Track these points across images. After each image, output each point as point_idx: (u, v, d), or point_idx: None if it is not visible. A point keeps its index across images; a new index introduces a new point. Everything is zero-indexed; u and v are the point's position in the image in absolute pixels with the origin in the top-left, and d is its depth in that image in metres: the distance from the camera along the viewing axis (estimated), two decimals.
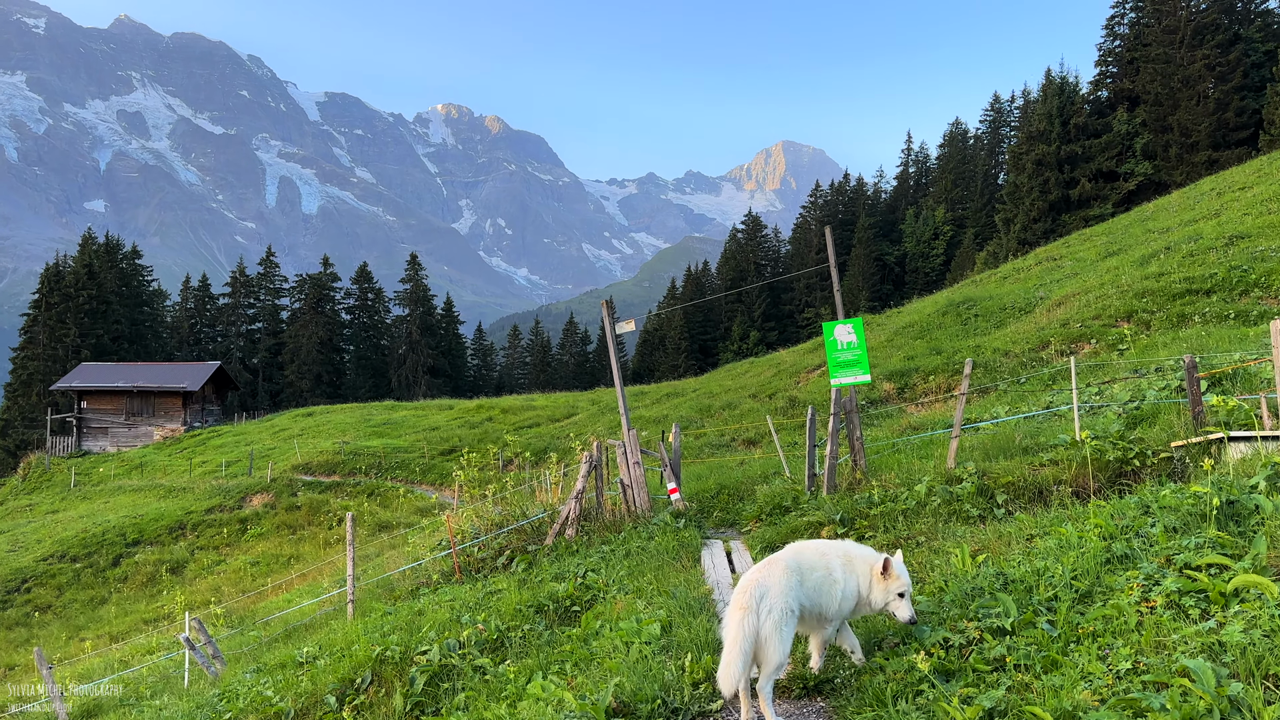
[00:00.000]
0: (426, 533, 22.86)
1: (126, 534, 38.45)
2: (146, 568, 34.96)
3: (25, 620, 31.73)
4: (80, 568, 35.67)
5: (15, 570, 35.92)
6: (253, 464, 49.77)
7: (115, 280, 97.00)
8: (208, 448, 60.51)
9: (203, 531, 38.54)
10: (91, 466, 61.03)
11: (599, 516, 13.56)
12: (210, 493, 44.23)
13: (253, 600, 24.33)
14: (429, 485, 41.90)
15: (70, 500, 51.84)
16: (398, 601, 13.14)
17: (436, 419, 56.68)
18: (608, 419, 42.96)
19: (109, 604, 32.09)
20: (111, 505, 46.68)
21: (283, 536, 37.12)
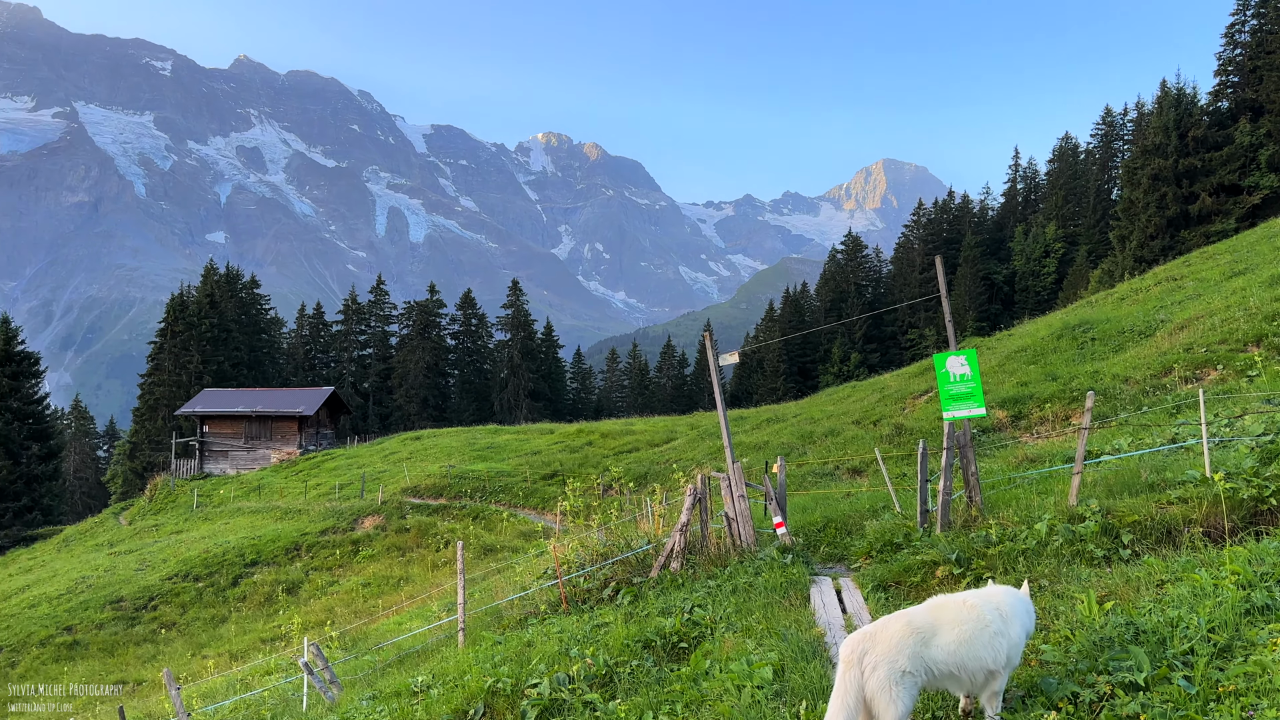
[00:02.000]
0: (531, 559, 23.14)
1: (245, 554, 40.04)
2: (264, 588, 36.31)
3: (152, 637, 33.27)
4: (202, 587, 37.28)
5: (143, 589, 37.74)
6: (364, 487, 51.29)
7: (235, 309, 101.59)
8: (322, 470, 62.59)
9: (317, 553, 39.84)
10: (213, 488, 63.81)
11: (704, 550, 13.49)
12: (324, 515, 45.72)
13: (365, 622, 25.00)
14: (531, 509, 42.43)
15: (193, 521, 54.27)
16: (506, 631, 13.31)
17: (538, 443, 57.42)
18: (707, 444, 42.78)
19: (229, 622, 33.42)
20: (231, 526, 48.70)
21: (393, 558, 38.05)
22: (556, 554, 14.81)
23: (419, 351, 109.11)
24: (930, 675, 5.63)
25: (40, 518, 74.05)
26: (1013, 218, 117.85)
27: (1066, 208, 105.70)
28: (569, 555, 15.27)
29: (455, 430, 73.69)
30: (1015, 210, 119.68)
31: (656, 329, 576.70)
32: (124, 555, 46.66)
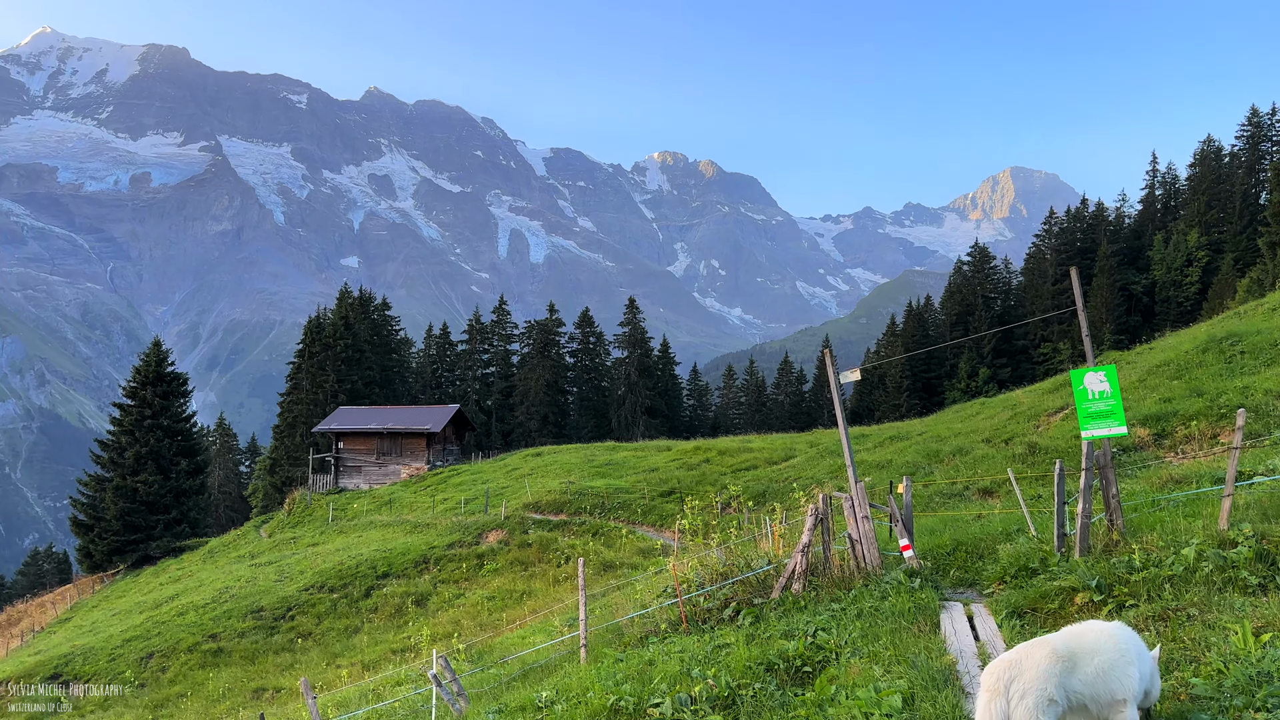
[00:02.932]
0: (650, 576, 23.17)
1: (377, 567, 41.49)
2: (394, 599, 37.52)
3: (290, 646, 34.79)
4: (337, 598, 38.80)
5: (282, 599, 39.53)
6: (488, 502, 52.49)
7: (367, 330, 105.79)
8: (448, 485, 64.38)
9: (444, 566, 40.94)
10: (347, 502, 66.43)
11: (826, 572, 13.24)
12: (451, 529, 46.97)
13: (490, 635, 25.51)
14: (650, 526, 42.53)
15: (329, 534, 56.59)
16: (627, 648, 13.35)
17: (655, 460, 57.60)
18: (828, 462, 42.05)
19: (361, 633, 34.64)
20: (364, 539, 50.57)
21: (515, 572, 38.74)
22: (676, 572, 14.79)
23: (539, 369, 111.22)
24: (1068, 704, 5.45)
25: (188, 530, 78.53)
26: (1151, 225, 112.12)
27: (1210, 214, 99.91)
28: (688, 574, 15.23)
29: (574, 447, 74.69)
30: (1154, 218, 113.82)
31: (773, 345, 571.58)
32: (264, 567, 49.00)
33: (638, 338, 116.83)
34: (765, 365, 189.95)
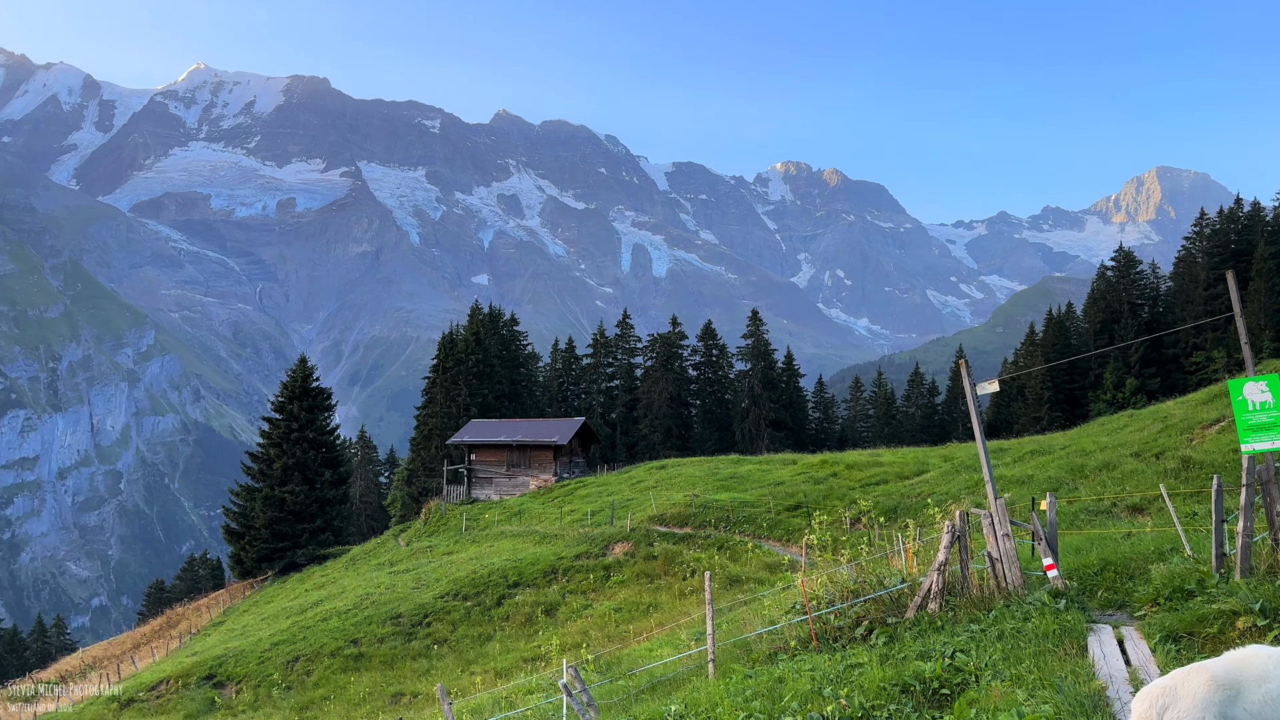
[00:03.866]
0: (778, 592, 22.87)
1: (508, 576, 42.39)
2: (525, 608, 38.24)
3: (426, 652, 35.88)
4: (470, 606, 39.82)
5: (419, 606, 40.84)
6: (614, 514, 52.97)
7: (497, 345, 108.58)
8: (574, 497, 65.30)
9: (572, 576, 41.50)
10: (479, 513, 68.20)
11: (964, 591, 12.77)
12: (578, 540, 47.60)
13: (618, 647, 25.68)
14: (776, 541, 42.03)
15: (462, 543, 58.20)
16: (756, 665, 13.20)
17: (780, 473, 56.93)
18: (963, 477, 40.66)
19: (494, 641, 35.43)
20: (495, 549, 51.78)
21: (641, 585, 38.89)
22: (804, 588, 14.55)
23: (662, 383, 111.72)
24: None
25: (332, 538, 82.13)
26: None
27: None
28: (817, 590, 14.95)
29: (698, 460, 74.61)
30: None
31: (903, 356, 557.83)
32: (402, 574, 50.75)
33: (761, 350, 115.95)
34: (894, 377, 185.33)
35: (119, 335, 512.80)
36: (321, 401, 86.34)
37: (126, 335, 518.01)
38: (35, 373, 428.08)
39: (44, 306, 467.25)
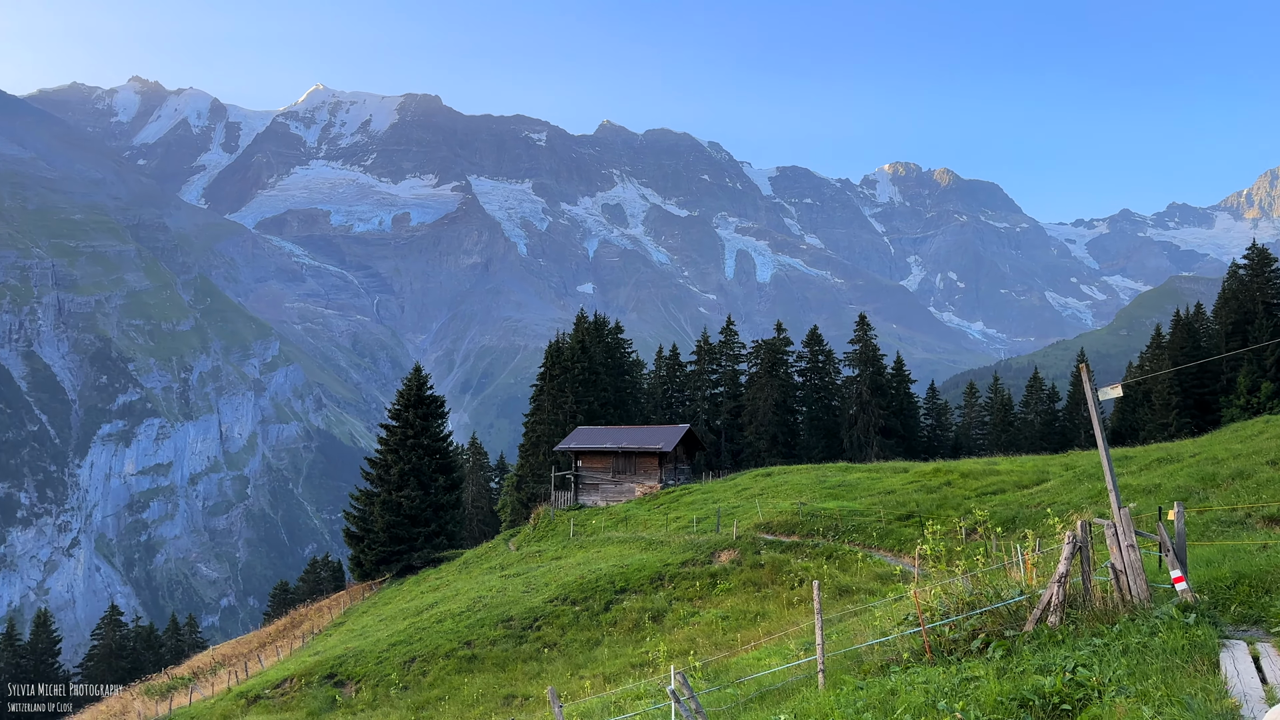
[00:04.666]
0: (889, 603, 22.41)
1: (615, 582, 42.71)
2: (632, 614, 38.45)
3: (536, 655, 36.46)
4: (579, 610, 40.28)
5: (529, 609, 41.53)
6: (719, 521, 52.79)
7: (602, 353, 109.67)
8: (680, 504, 65.35)
9: (678, 583, 41.53)
10: (586, 518, 68.94)
11: (1086, 604, 12.27)
12: (683, 547, 47.62)
13: (726, 655, 25.60)
14: (887, 551, 41.17)
15: (570, 548, 58.93)
16: (867, 676, 12.98)
17: (891, 482, 55.76)
18: (1085, 487, 39.04)
19: (602, 645, 35.74)
20: (602, 554, 52.25)
21: (748, 593, 38.64)
22: (917, 599, 14.23)
23: (767, 389, 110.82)
24: None
25: (445, 542, 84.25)
26: None
27: None
28: (931, 602, 14.61)
29: (805, 467, 73.69)
30: None
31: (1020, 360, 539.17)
32: (513, 578, 51.71)
33: (869, 355, 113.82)
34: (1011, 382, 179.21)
35: (246, 347, 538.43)
36: (435, 409, 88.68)
37: (253, 347, 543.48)
38: (169, 383, 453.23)
39: (176, 320, 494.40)
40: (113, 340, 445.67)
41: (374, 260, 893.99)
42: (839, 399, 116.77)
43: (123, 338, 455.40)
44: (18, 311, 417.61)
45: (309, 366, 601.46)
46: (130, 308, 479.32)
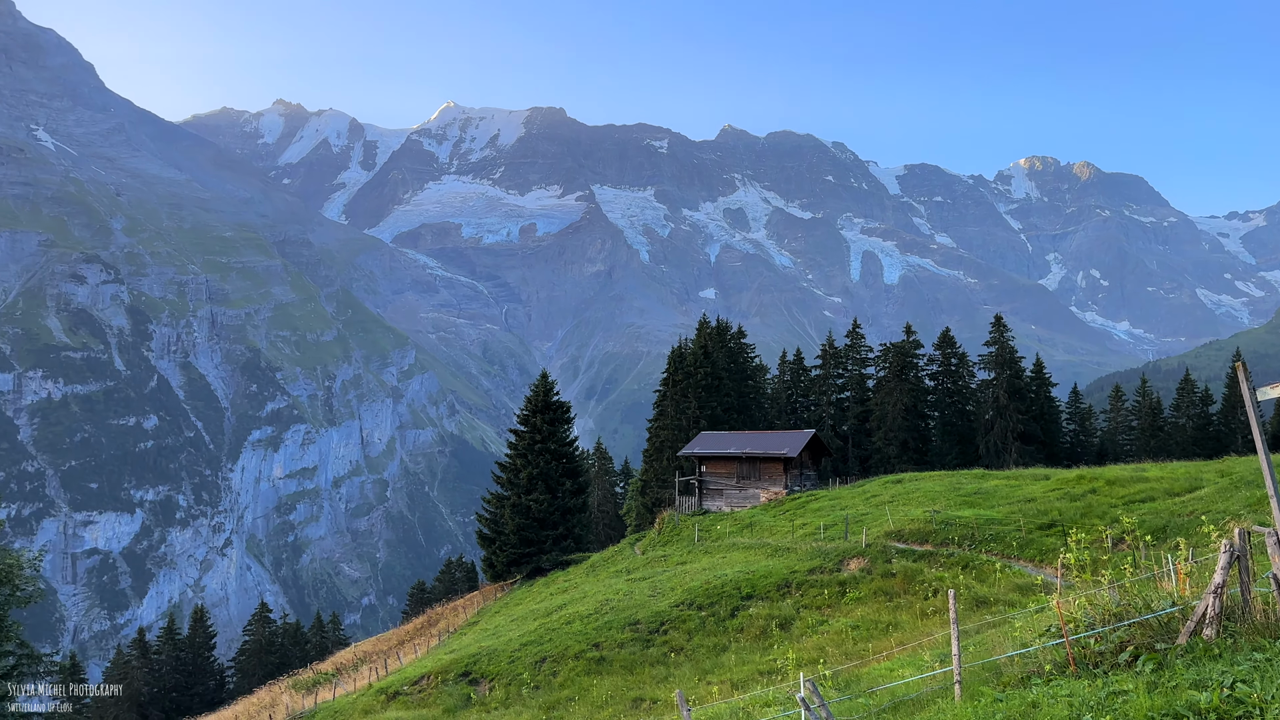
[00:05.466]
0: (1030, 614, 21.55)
1: (741, 588, 42.51)
2: (759, 621, 38.17)
3: (663, 659, 36.61)
4: (705, 616, 40.25)
5: (655, 614, 41.75)
6: (847, 529, 51.85)
7: (725, 358, 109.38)
8: (806, 511, 64.51)
9: (806, 591, 40.99)
10: (710, 524, 68.84)
11: (1245, 617, 11.52)
12: (811, 554, 46.97)
13: (856, 664, 25.13)
14: (1027, 561, 39.59)
15: (695, 554, 58.96)
16: (1007, 688, 12.53)
17: (1031, 489, 53.57)
18: (1243, 494, 36.62)
19: (729, 652, 35.61)
20: (728, 560, 52.06)
21: (879, 602, 37.81)
22: (1060, 610, 13.65)
23: (896, 393, 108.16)
24: None
25: (573, 545, 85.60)
26: None
27: None
28: (1075, 613, 13.98)
29: (938, 474, 71.59)
30: None
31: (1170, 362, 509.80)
32: (639, 582, 52.09)
33: (1005, 357, 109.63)
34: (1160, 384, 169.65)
35: (384, 356, 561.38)
36: (561, 415, 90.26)
37: (391, 355, 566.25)
38: (314, 391, 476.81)
39: (320, 331, 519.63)
40: (261, 351, 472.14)
41: (502, 270, 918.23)
42: (973, 404, 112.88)
43: (271, 348, 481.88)
44: (175, 324, 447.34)
45: (442, 374, 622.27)
46: (277, 319, 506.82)
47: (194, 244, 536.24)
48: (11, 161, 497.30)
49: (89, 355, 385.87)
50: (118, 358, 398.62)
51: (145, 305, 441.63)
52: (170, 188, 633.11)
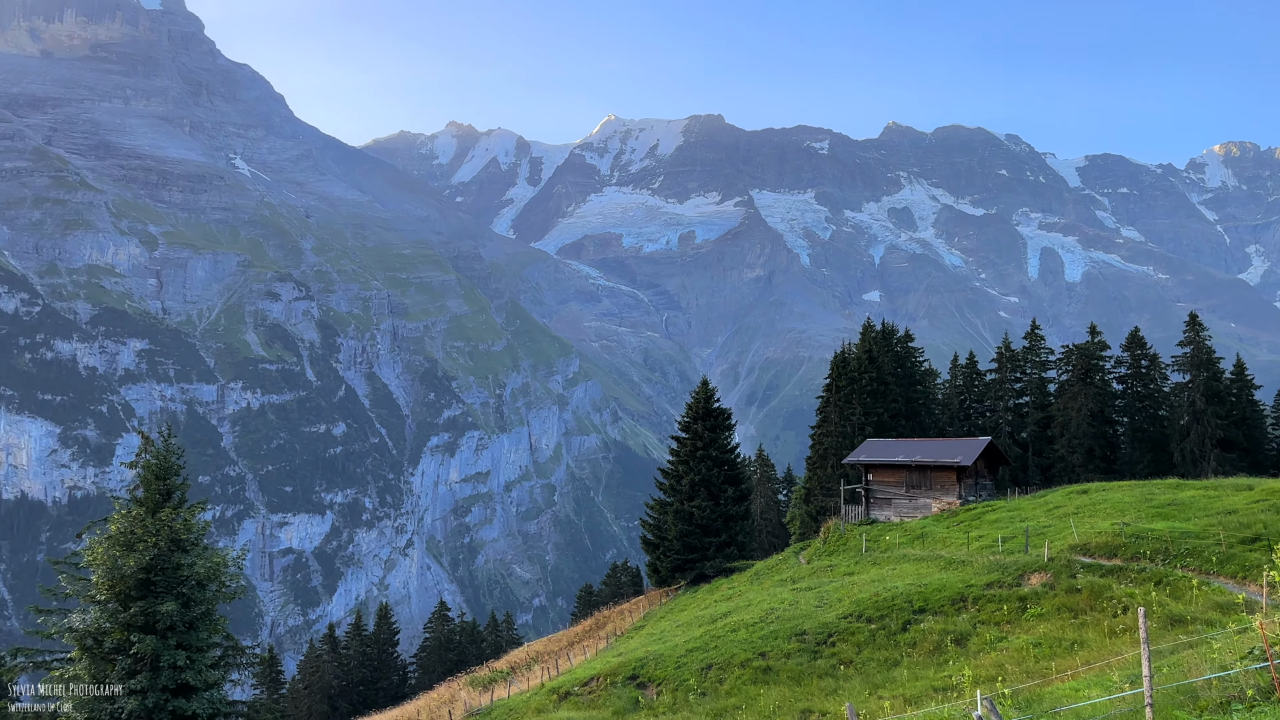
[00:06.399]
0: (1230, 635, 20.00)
1: (913, 601, 41.28)
2: (932, 636, 36.96)
3: (831, 671, 36.01)
4: (874, 629, 39.33)
5: (822, 625, 41.14)
6: (1027, 541, 49.48)
7: (891, 363, 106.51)
8: (982, 522, 61.97)
9: (982, 606, 39.38)
10: (878, 534, 67.18)
11: None
12: (987, 568, 45.10)
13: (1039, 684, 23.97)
14: (1227, 577, 36.65)
15: (862, 564, 57.70)
16: (1203, 713, 11.73)
17: (1232, 500, 49.53)
18: None
19: (901, 666, 34.65)
20: (898, 572, 50.66)
21: (1063, 619, 35.92)
22: (1264, 631, 12.64)
23: (1080, 398, 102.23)
24: None
25: (736, 552, 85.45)
26: None
27: None
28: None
29: (1127, 484, 67.17)
30: None
31: None
32: (804, 592, 51.47)
33: (1202, 359, 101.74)
34: None
35: (550, 364, 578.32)
36: (722, 421, 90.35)
37: (556, 364, 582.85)
38: (486, 399, 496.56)
39: (491, 341, 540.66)
40: (438, 361, 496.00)
41: (662, 278, 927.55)
42: (1166, 409, 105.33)
43: (446, 358, 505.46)
44: (360, 337, 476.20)
45: (605, 381, 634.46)
46: (452, 331, 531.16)
47: (376, 261, 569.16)
48: (214, 189, 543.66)
49: (283, 367, 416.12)
50: (309, 369, 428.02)
51: (333, 320, 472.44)
52: (354, 209, 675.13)
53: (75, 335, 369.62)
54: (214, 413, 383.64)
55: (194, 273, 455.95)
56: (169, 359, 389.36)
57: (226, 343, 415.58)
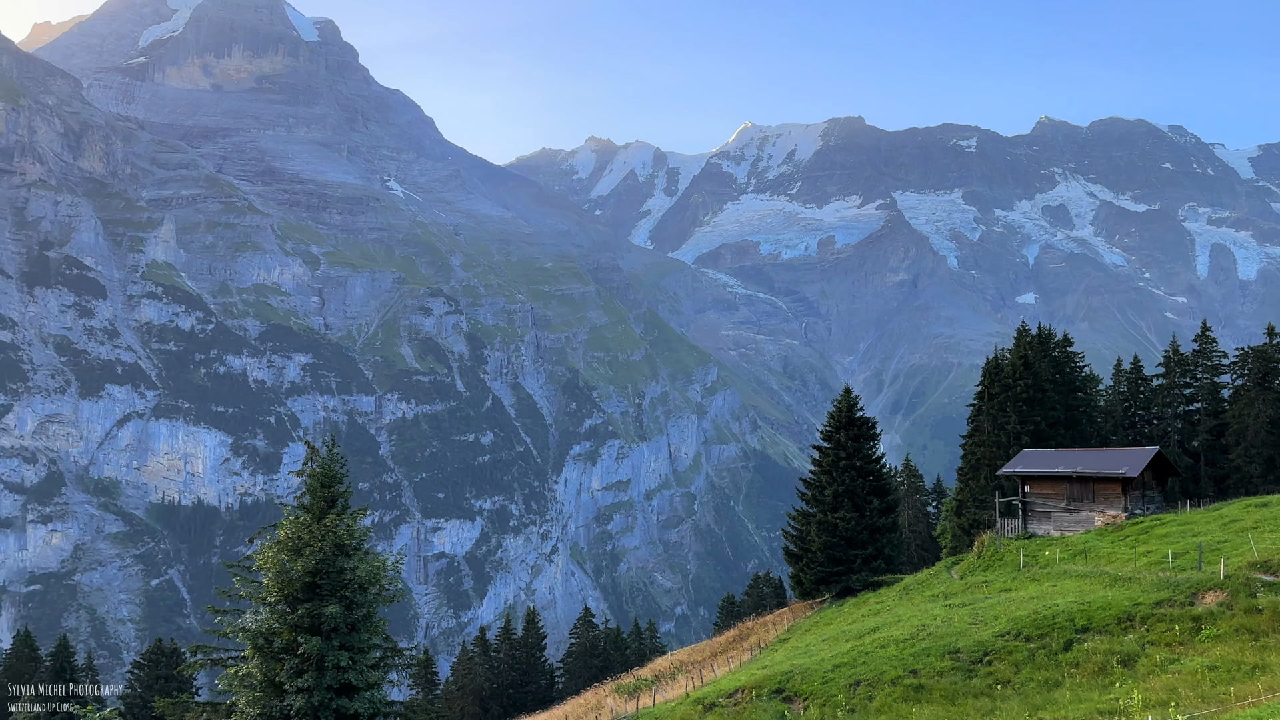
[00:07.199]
0: None
1: (1075, 619, 39.26)
2: (1097, 656, 35.06)
3: (988, 691, 34.66)
4: (1034, 648, 37.61)
5: (977, 643, 39.64)
6: (1201, 557, 46.32)
7: (1048, 368, 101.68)
8: (1150, 537, 58.45)
9: (1151, 625, 37.11)
10: (1037, 549, 64.22)
11: None
12: (1157, 585, 42.48)
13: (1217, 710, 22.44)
14: None
15: (1020, 580, 55.28)
16: None
17: None
18: None
19: (1062, 687, 33.02)
20: (1058, 589, 48.29)
21: (1242, 641, 33.48)
22: None
23: (1258, 404, 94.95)
24: None
25: (883, 565, 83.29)
26: None
27: None
28: None
29: None
30: None
31: None
32: (957, 608, 49.72)
33: None
34: None
35: (689, 373, 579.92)
36: (866, 430, 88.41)
37: (694, 373, 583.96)
38: (625, 408, 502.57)
39: (630, 351, 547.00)
40: (579, 371, 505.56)
41: (800, 285, 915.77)
42: None
43: (587, 369, 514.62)
44: (506, 349, 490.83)
45: (744, 390, 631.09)
46: (592, 342, 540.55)
47: (520, 275, 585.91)
48: (370, 210, 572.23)
49: (435, 379, 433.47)
50: (459, 380, 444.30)
51: (481, 332, 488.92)
52: (499, 225, 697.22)
53: (245, 350, 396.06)
54: (372, 423, 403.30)
55: (353, 290, 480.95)
56: (331, 372, 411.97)
57: (383, 356, 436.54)
